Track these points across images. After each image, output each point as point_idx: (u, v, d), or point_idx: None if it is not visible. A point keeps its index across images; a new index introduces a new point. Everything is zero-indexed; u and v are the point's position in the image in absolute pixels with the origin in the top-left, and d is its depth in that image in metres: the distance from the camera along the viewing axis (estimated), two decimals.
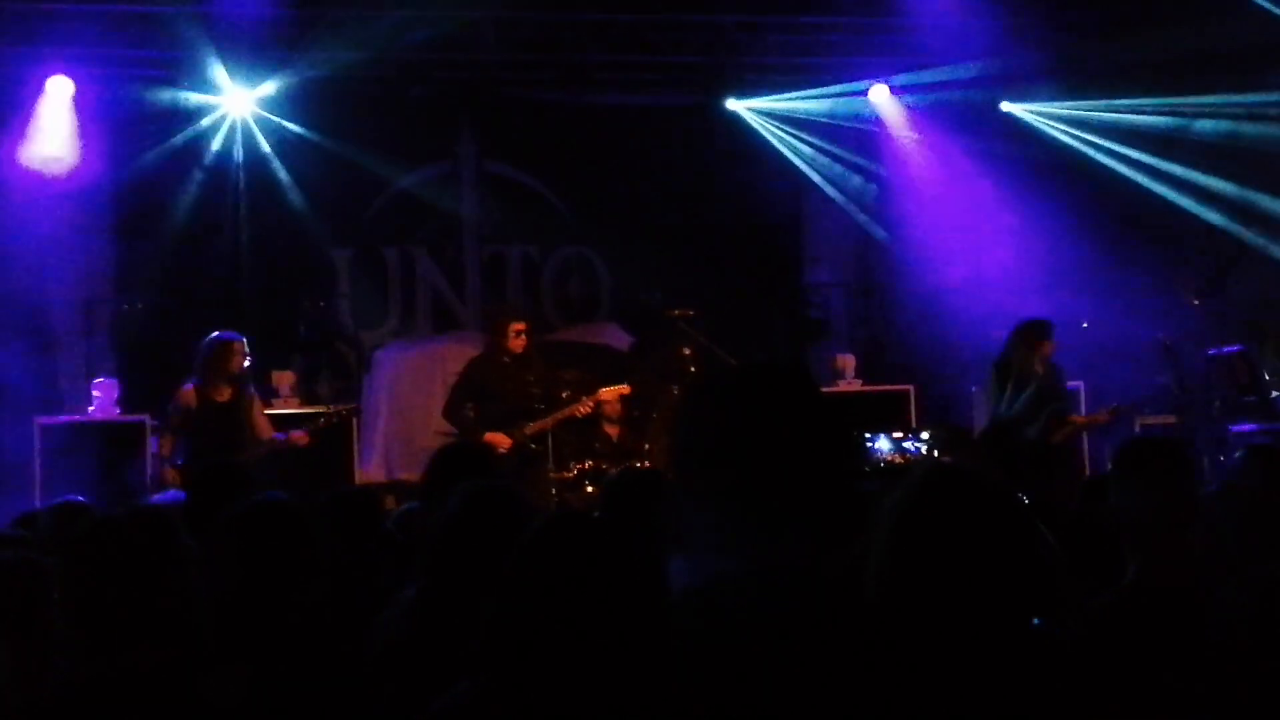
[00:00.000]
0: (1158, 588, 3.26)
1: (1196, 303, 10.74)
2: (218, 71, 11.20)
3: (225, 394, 8.73)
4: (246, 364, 8.84)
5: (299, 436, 9.02)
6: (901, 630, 2.22)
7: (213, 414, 8.67)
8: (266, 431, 8.90)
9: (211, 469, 5.45)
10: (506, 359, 9.76)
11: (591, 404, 9.95)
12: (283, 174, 11.67)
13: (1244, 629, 2.82)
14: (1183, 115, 11.64)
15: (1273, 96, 10.96)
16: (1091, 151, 12.29)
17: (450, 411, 9.90)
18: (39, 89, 11.02)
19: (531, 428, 9.68)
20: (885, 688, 2.09)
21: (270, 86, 11.44)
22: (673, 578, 2.23)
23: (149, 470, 9.58)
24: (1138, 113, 11.93)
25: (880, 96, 12.55)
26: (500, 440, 9.50)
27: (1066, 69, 11.99)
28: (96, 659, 2.93)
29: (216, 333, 8.92)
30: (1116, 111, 12.08)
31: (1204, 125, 11.55)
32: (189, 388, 8.71)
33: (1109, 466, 4.15)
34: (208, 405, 8.68)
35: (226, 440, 8.53)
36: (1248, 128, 11.24)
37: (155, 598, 2.97)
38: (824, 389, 10.25)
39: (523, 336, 9.80)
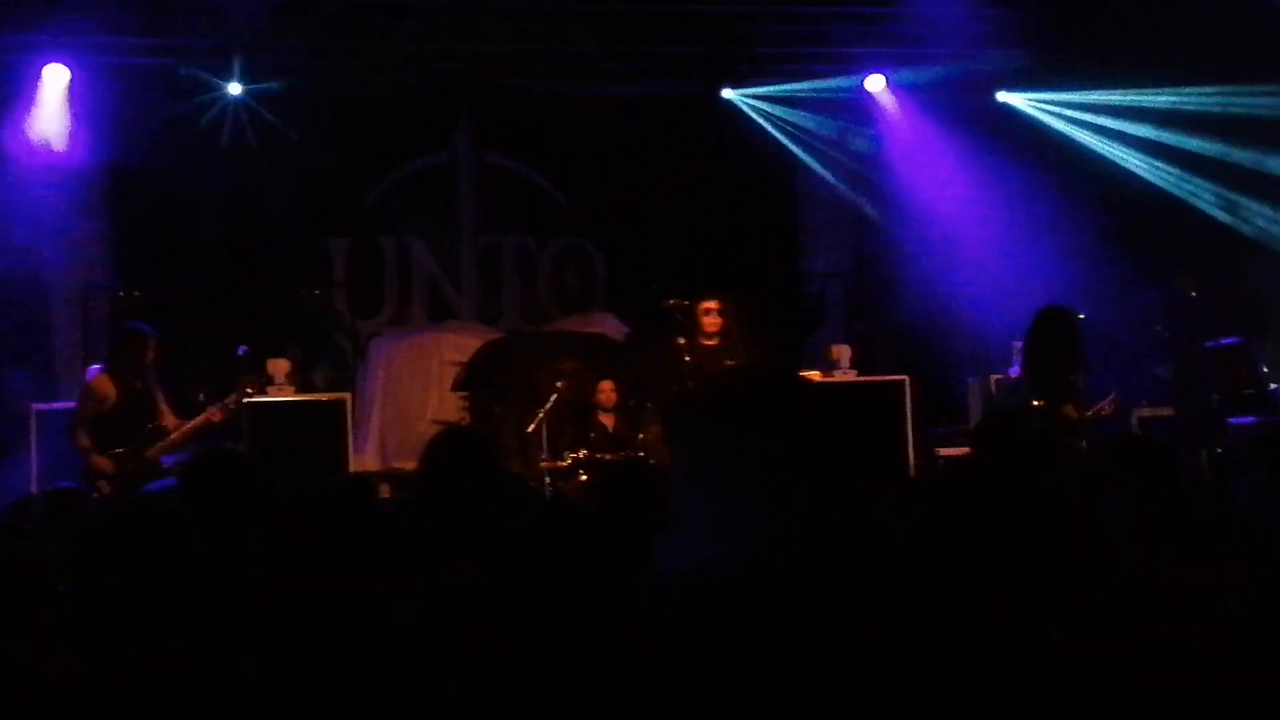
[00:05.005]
0: (1154, 583, 3.27)
1: (1194, 294, 10.74)
2: (214, 60, 11.16)
3: (137, 384, 8.66)
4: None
5: (213, 413, 8.88)
6: (903, 621, 2.22)
7: (129, 402, 8.60)
8: (171, 416, 8.77)
9: (212, 456, 5.40)
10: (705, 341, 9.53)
11: None
12: (279, 163, 11.64)
13: (1249, 623, 2.81)
14: (1179, 106, 11.63)
15: (1266, 88, 10.95)
16: (1089, 141, 12.28)
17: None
18: (35, 77, 11.00)
19: None
20: (877, 677, 2.09)
21: (267, 75, 11.39)
22: (661, 559, 2.21)
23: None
24: (1134, 103, 11.92)
25: (877, 86, 12.55)
26: None
27: (1062, 58, 11.97)
28: (98, 649, 2.92)
29: (132, 323, 8.91)
30: (1113, 101, 12.06)
31: (1200, 115, 11.53)
32: (100, 375, 8.66)
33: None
34: (126, 393, 8.60)
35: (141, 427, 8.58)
36: (1243, 118, 11.22)
37: (156, 587, 2.97)
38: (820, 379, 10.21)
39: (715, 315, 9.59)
